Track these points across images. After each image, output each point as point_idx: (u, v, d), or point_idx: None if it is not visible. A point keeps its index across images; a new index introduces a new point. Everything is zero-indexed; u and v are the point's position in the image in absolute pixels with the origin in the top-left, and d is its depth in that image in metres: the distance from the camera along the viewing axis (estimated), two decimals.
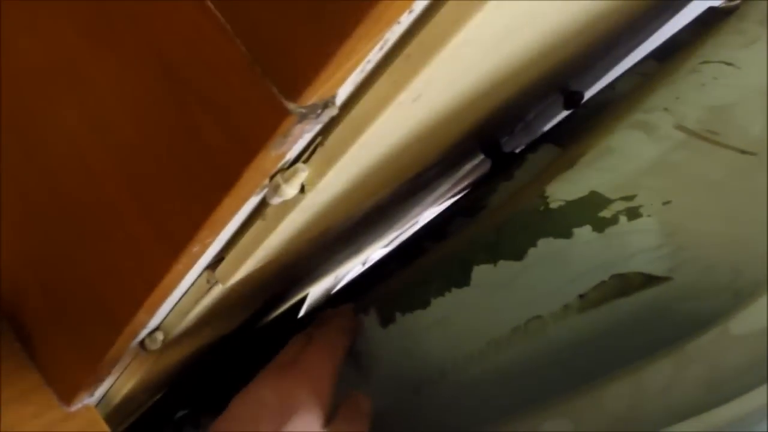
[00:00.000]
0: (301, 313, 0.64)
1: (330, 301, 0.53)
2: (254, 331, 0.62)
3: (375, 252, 0.73)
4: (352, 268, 0.74)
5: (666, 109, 0.41)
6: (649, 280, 0.34)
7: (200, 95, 0.24)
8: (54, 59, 0.28)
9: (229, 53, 0.22)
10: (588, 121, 0.48)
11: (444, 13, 0.22)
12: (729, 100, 0.41)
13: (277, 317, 0.65)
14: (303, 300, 0.68)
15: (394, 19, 0.20)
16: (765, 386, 0.30)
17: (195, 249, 0.28)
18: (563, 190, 0.36)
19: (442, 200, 0.76)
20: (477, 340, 0.39)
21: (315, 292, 0.70)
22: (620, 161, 0.37)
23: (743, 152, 0.38)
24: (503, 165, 0.52)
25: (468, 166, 0.71)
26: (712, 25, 0.52)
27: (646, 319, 0.34)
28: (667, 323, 0.34)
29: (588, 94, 0.61)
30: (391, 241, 0.76)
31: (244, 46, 0.22)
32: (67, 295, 0.36)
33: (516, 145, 0.65)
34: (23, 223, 0.36)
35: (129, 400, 0.47)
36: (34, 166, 0.33)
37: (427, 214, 0.75)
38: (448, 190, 0.74)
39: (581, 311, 0.36)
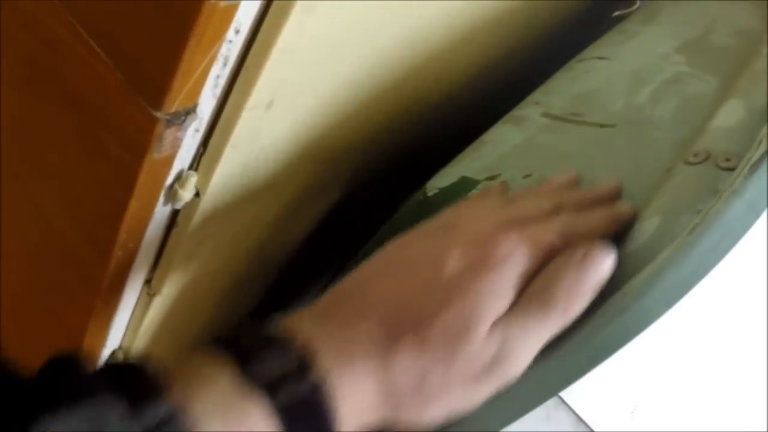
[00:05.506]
0: None
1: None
2: None
3: None
4: None
5: (537, 103, 0.47)
6: None
7: (102, 120, 0.32)
8: (4, 114, 0.36)
9: (113, 81, 0.30)
10: None
11: (265, 25, 0.29)
12: (595, 86, 0.47)
13: None
14: None
15: (216, 39, 0.27)
16: None
17: (120, 253, 0.34)
18: (439, 181, 0.42)
19: None
20: None
21: None
22: (490, 150, 0.43)
23: (602, 126, 0.44)
24: None
25: None
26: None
27: None
28: None
29: None
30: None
31: (121, 73, 0.29)
32: (35, 322, 0.43)
33: None
34: None
35: None
36: None
37: None
38: None
39: None
